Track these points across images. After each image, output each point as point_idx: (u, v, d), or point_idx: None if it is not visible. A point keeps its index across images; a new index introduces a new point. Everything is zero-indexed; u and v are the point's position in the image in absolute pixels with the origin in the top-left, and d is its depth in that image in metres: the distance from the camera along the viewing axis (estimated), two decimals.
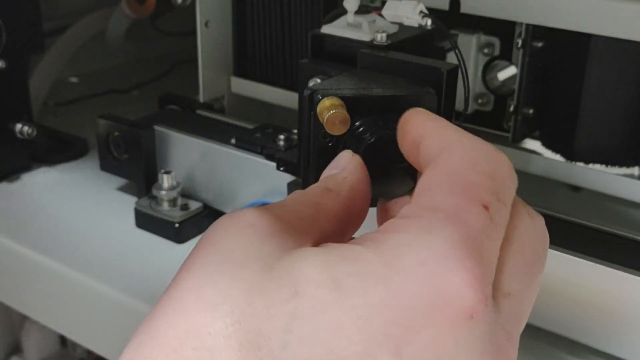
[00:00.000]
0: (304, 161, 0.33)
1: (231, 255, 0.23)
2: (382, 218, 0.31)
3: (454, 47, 0.44)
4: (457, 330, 0.21)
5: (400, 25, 0.45)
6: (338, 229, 0.27)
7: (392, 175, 0.31)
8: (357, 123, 0.31)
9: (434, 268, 0.22)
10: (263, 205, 0.26)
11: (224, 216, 0.25)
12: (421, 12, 0.44)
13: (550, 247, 0.27)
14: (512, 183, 0.26)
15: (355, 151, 0.31)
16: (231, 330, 0.21)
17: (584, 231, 0.49)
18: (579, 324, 0.46)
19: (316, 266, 0.22)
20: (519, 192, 0.26)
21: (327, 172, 0.30)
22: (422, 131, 0.28)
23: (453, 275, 0.22)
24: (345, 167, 0.29)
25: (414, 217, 0.24)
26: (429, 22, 0.45)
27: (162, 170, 0.59)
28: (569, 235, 0.48)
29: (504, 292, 0.24)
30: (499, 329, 0.23)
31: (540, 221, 0.27)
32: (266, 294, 0.22)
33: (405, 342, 0.21)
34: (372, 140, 0.31)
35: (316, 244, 0.25)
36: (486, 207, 0.23)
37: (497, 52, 0.59)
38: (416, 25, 0.44)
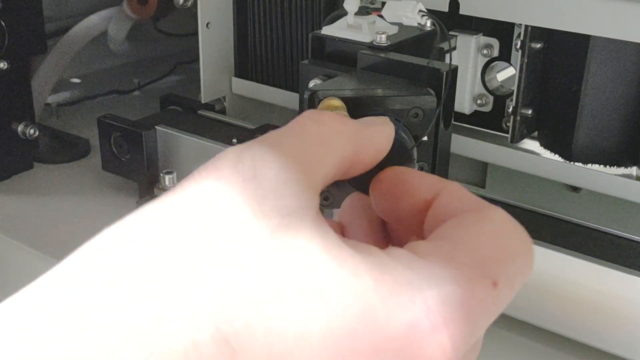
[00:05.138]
0: None
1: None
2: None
3: (449, 49, 0.44)
4: None
5: (400, 26, 0.45)
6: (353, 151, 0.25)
7: None
8: None
9: (417, 325, 0.21)
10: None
11: (229, 151, 0.21)
12: (420, 11, 0.44)
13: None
14: (528, 273, 0.24)
15: None
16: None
17: (582, 231, 0.49)
18: (579, 324, 0.46)
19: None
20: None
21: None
22: (440, 186, 0.26)
23: (428, 340, 0.21)
24: (382, 121, 0.27)
25: (430, 256, 0.22)
26: (429, 22, 0.45)
27: (164, 171, 0.59)
28: (567, 235, 0.48)
29: None
30: None
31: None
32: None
33: None
34: None
35: (331, 170, 0.23)
36: (495, 284, 0.22)
37: (496, 53, 0.60)
38: (415, 24, 0.45)
